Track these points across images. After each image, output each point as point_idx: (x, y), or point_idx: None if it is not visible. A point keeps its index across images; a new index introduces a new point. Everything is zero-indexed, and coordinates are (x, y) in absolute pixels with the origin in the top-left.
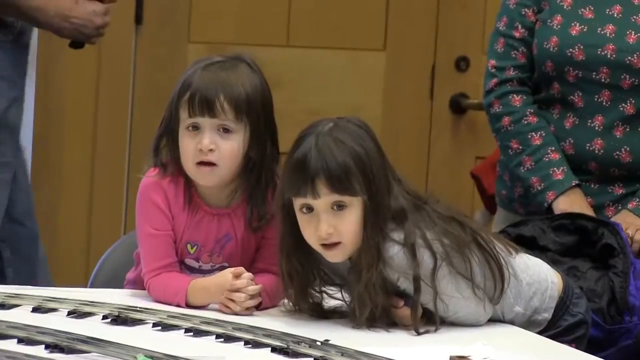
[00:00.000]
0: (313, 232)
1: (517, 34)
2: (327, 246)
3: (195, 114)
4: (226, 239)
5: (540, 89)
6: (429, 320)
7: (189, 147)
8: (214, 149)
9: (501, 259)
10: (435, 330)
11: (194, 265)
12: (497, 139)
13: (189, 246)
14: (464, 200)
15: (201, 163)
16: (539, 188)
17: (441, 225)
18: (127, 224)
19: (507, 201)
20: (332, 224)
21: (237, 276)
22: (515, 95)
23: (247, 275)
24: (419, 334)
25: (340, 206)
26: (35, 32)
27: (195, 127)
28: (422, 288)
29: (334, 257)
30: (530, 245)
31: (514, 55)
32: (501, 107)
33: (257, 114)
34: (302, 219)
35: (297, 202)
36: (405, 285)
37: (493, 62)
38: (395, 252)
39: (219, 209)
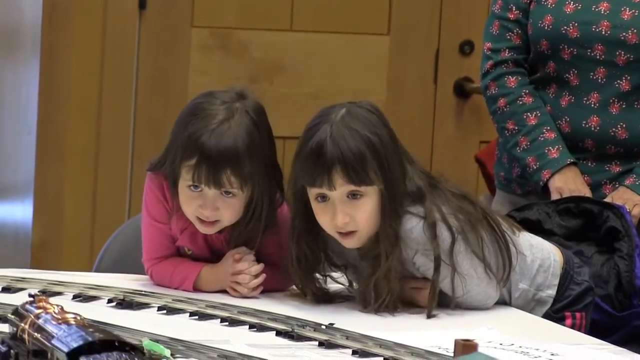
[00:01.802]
0: (329, 220)
1: (511, 16)
2: (344, 234)
3: (200, 182)
4: (220, 252)
5: (536, 70)
6: (439, 303)
7: (190, 205)
8: (216, 212)
9: (508, 238)
10: (452, 307)
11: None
12: (494, 121)
13: (185, 248)
14: (468, 185)
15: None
16: (535, 167)
17: (455, 202)
18: (131, 208)
19: (505, 182)
20: (348, 213)
21: (238, 260)
22: (510, 77)
23: (248, 257)
24: (429, 317)
25: (355, 195)
26: (39, 17)
27: (197, 187)
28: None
29: (351, 244)
30: (535, 229)
31: (508, 37)
32: (497, 88)
33: (261, 171)
34: (317, 207)
35: (312, 192)
36: (421, 261)
37: (489, 44)
38: (413, 224)
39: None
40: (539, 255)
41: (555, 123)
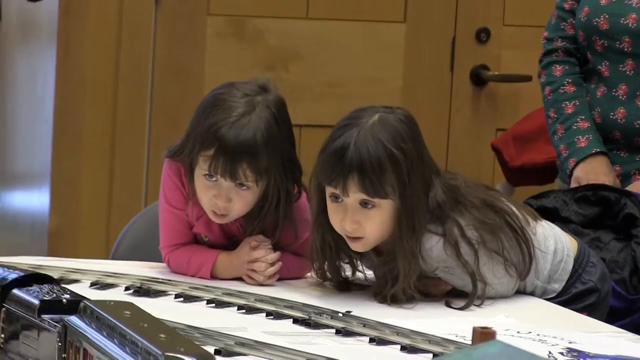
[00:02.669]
0: (339, 221)
1: (566, 6)
2: (351, 237)
3: (216, 173)
4: (236, 238)
5: (586, 61)
6: (460, 294)
7: (204, 194)
8: (229, 203)
9: (530, 238)
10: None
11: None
12: (544, 108)
13: (202, 235)
14: (485, 173)
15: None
16: (565, 155)
17: (476, 214)
18: (147, 196)
19: (560, 171)
20: (357, 220)
21: (254, 248)
22: (557, 66)
23: (265, 245)
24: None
25: (367, 204)
26: (55, 5)
27: (213, 176)
28: (461, 275)
29: (357, 248)
30: (552, 217)
31: (562, 27)
32: (545, 77)
33: (278, 166)
34: (330, 206)
35: (328, 190)
36: (442, 274)
37: (545, 34)
38: (433, 243)
39: None
40: (552, 248)
41: (590, 113)
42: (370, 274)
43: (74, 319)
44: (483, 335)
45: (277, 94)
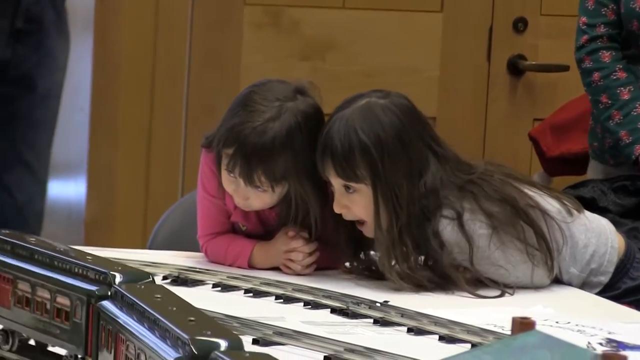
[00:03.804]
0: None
1: None
2: (357, 223)
3: (234, 172)
4: (273, 228)
5: (629, 45)
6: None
7: (227, 187)
8: (246, 201)
9: (546, 229)
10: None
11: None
12: (587, 93)
13: (240, 224)
14: (522, 163)
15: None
16: (627, 141)
17: (485, 206)
18: (184, 186)
19: (598, 152)
20: (344, 205)
21: (292, 237)
22: (604, 52)
23: (302, 234)
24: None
25: (349, 187)
26: None
27: (231, 172)
28: (478, 261)
29: (365, 232)
30: (590, 207)
31: (603, 12)
32: (591, 62)
33: (298, 174)
34: (331, 191)
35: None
36: (461, 257)
37: (584, 19)
38: (444, 226)
39: None
40: (594, 240)
41: None
42: None
43: None
44: (522, 325)
45: (311, 101)
